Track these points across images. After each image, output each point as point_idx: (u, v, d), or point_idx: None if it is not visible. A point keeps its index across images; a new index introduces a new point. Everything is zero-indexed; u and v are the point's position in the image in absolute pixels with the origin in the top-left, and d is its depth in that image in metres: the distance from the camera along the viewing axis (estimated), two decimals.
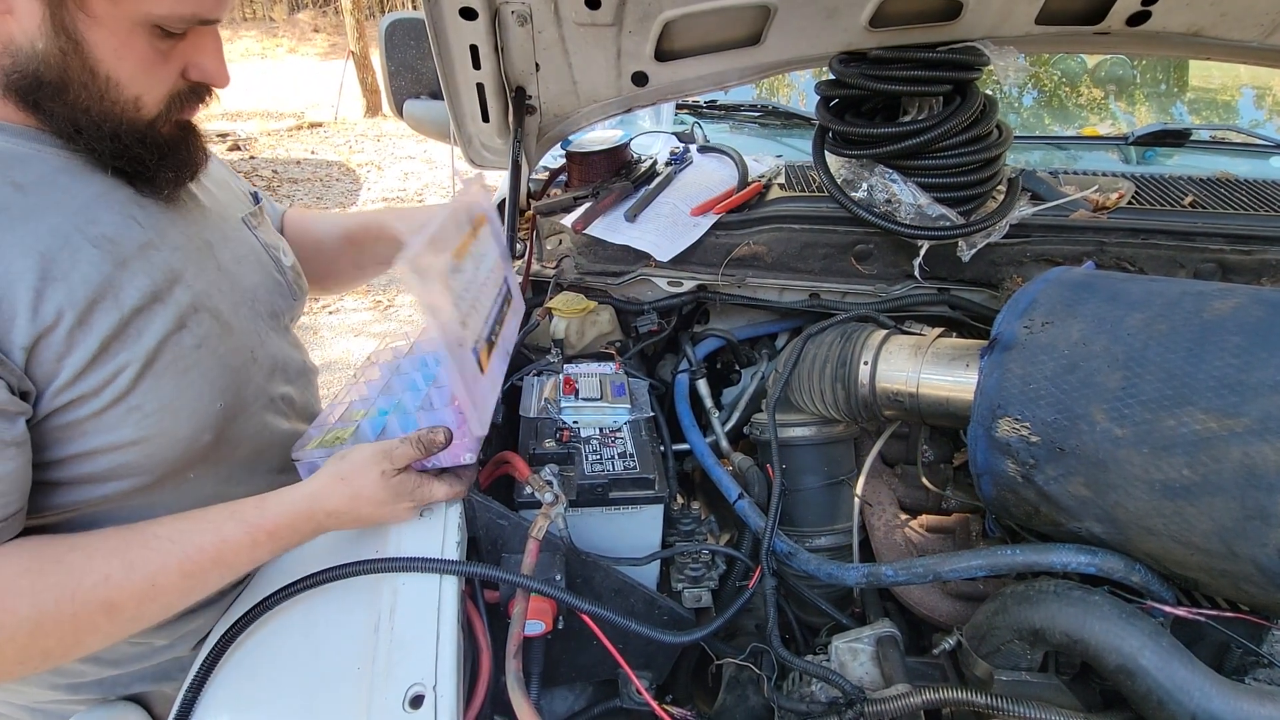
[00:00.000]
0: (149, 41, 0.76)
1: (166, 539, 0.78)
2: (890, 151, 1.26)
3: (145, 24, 0.74)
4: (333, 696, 0.79)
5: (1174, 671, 0.74)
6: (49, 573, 0.72)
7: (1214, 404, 0.75)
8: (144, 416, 0.80)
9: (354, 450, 0.89)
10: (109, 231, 0.79)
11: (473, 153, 1.50)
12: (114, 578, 0.74)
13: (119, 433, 0.79)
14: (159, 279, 0.82)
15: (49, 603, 0.71)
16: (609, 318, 1.45)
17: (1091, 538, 0.87)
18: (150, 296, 0.81)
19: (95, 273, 0.76)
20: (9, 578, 0.70)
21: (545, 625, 0.91)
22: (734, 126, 2.11)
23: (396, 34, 1.62)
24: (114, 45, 0.74)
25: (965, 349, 1.07)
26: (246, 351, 0.95)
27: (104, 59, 0.74)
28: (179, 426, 0.84)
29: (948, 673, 0.97)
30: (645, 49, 1.30)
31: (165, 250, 0.85)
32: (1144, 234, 1.31)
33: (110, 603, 0.74)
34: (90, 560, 0.74)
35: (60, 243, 0.74)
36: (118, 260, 0.79)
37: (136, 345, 0.79)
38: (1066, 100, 2.50)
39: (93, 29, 0.72)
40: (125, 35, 0.74)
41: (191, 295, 0.86)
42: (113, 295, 0.77)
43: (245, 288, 0.98)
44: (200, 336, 0.86)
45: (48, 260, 0.73)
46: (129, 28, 0.74)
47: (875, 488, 1.28)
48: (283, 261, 1.08)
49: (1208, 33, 1.22)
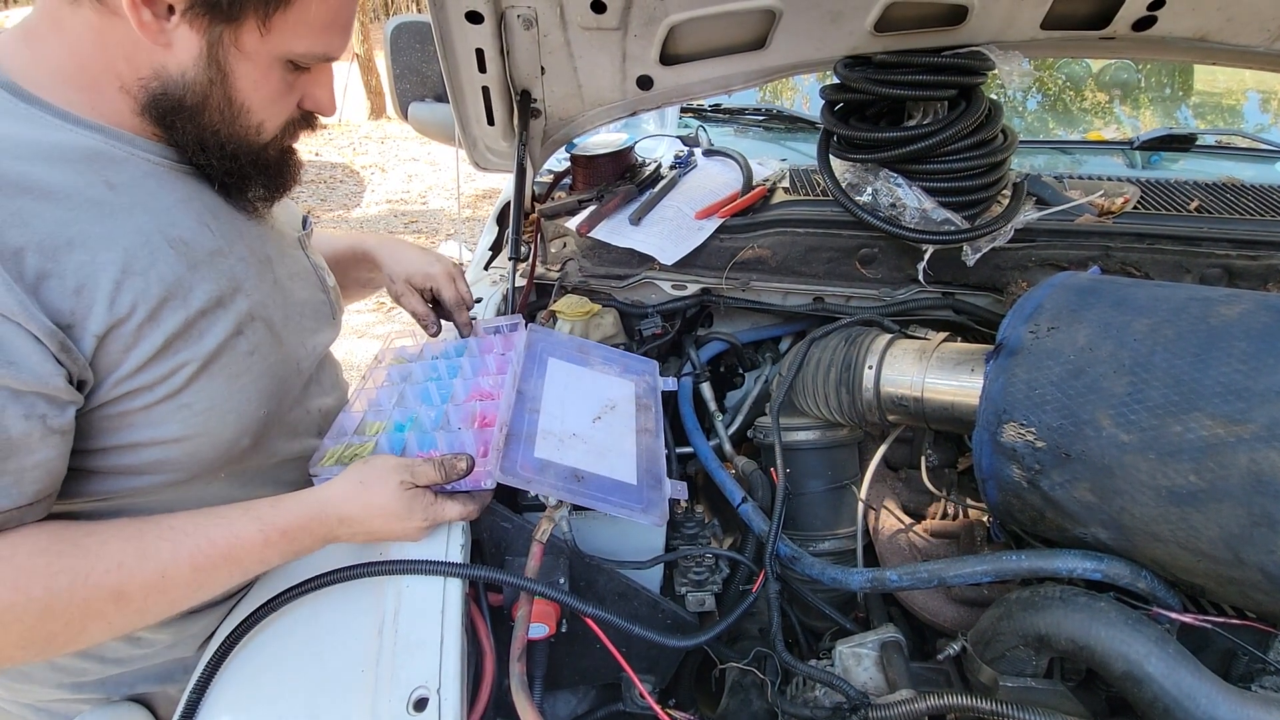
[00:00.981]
0: (282, 75, 0.83)
1: (181, 530, 0.79)
2: (895, 156, 1.26)
3: (283, 59, 0.81)
4: (337, 698, 0.79)
5: (1180, 679, 0.73)
6: (65, 554, 0.73)
7: (1221, 410, 0.74)
8: (192, 415, 0.83)
9: (377, 457, 0.91)
10: (185, 235, 0.83)
11: (477, 155, 1.51)
12: (126, 565, 0.75)
13: (166, 428, 0.81)
14: (224, 285, 0.86)
15: (61, 585, 0.71)
16: (613, 320, 1.45)
17: (1097, 543, 0.86)
18: (215, 301, 0.84)
19: (170, 272, 0.80)
20: (25, 556, 0.71)
21: (549, 628, 0.91)
22: (738, 130, 2.12)
23: (402, 37, 1.63)
24: (255, 77, 0.80)
25: (970, 354, 1.07)
26: (293, 363, 0.98)
27: (243, 89, 0.81)
28: (224, 428, 0.86)
29: (952, 678, 0.97)
30: (650, 53, 1.30)
31: (232, 259, 0.89)
32: (1149, 239, 1.31)
33: (120, 591, 0.74)
34: (105, 545, 0.75)
35: (142, 240, 0.78)
36: (191, 263, 0.83)
37: (198, 346, 0.82)
38: (1071, 104, 2.50)
39: (241, 62, 0.78)
40: (265, 68, 0.80)
41: (250, 304, 0.89)
42: (182, 295, 0.81)
43: (296, 303, 1.01)
44: (254, 344, 0.89)
45: (130, 255, 0.77)
46: (269, 62, 0.80)
47: (879, 492, 1.28)
48: (327, 282, 1.11)
49: (1213, 38, 1.22)
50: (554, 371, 1.17)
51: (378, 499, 0.86)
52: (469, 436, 0.96)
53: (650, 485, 1.03)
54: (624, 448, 1.08)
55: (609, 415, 1.13)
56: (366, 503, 0.86)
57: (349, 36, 0.86)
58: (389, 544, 0.92)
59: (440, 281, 1.20)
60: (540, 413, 1.06)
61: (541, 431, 1.03)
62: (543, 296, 1.50)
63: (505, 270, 1.46)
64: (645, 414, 1.17)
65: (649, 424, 1.15)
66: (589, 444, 1.05)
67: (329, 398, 1.10)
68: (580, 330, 1.42)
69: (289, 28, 0.78)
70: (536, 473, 0.96)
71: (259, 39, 0.77)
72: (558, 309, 1.41)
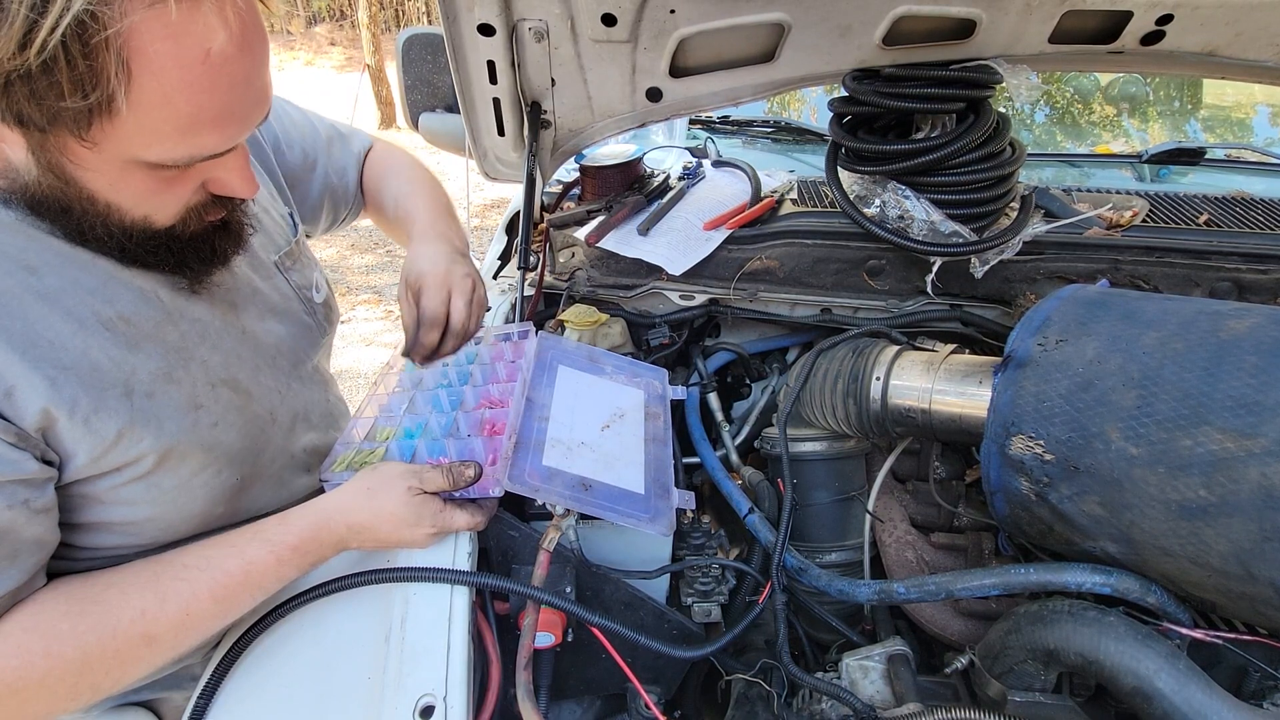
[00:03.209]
0: (148, 173, 0.68)
1: (195, 568, 0.79)
2: (903, 168, 1.26)
3: (137, 162, 0.66)
4: (343, 706, 0.79)
5: (1191, 695, 0.73)
6: (88, 613, 0.74)
7: (1231, 424, 0.74)
8: (161, 494, 0.82)
9: (385, 464, 0.91)
10: (126, 310, 0.77)
11: (488, 166, 1.52)
12: (150, 611, 0.76)
13: (136, 509, 0.81)
14: (172, 358, 0.81)
15: (92, 643, 0.73)
16: (620, 330, 1.46)
17: (1106, 557, 0.86)
18: (163, 376, 0.79)
19: (107, 359, 0.75)
20: (50, 623, 0.72)
21: (555, 637, 0.91)
22: (746, 141, 2.13)
23: (414, 49, 1.64)
24: (107, 181, 0.68)
25: (978, 366, 1.07)
26: (266, 415, 0.94)
27: (99, 189, 0.69)
28: (193, 503, 0.85)
29: (960, 692, 0.96)
30: (660, 65, 1.31)
31: (184, 324, 0.83)
32: (1159, 252, 1.31)
33: (149, 635, 0.76)
34: (125, 596, 0.76)
35: (74, 328, 0.73)
36: (131, 342, 0.77)
37: (157, 432, 0.78)
38: (1080, 117, 2.50)
39: (79, 169, 0.66)
40: (117, 172, 0.67)
41: (207, 371, 0.85)
42: (123, 383, 0.76)
43: (267, 346, 0.97)
44: (218, 414, 0.85)
45: (59, 350, 0.71)
46: (119, 166, 0.66)
47: (886, 504, 1.28)
48: (314, 300, 1.07)
49: (1222, 52, 1.22)
50: (564, 379, 1.17)
51: (386, 505, 0.86)
52: (478, 444, 0.96)
53: (658, 495, 1.03)
54: (632, 457, 1.08)
55: (618, 424, 1.13)
56: (375, 509, 0.86)
57: (241, 127, 0.69)
58: (396, 551, 0.92)
59: (427, 285, 0.99)
60: (549, 420, 1.06)
61: (550, 439, 1.03)
62: (551, 306, 1.50)
63: (514, 279, 1.46)
64: (654, 423, 1.17)
65: (658, 433, 1.15)
66: (597, 452, 1.05)
67: (315, 432, 1.05)
68: (588, 340, 1.42)
69: (124, 137, 0.62)
70: (544, 481, 0.96)
71: (89, 150, 0.63)
72: (566, 318, 1.42)
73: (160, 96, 0.61)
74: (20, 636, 0.71)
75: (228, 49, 0.62)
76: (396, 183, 1.24)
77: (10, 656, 0.70)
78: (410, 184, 1.22)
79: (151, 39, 0.58)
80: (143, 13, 0.57)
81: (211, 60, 0.61)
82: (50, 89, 0.57)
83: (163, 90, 0.60)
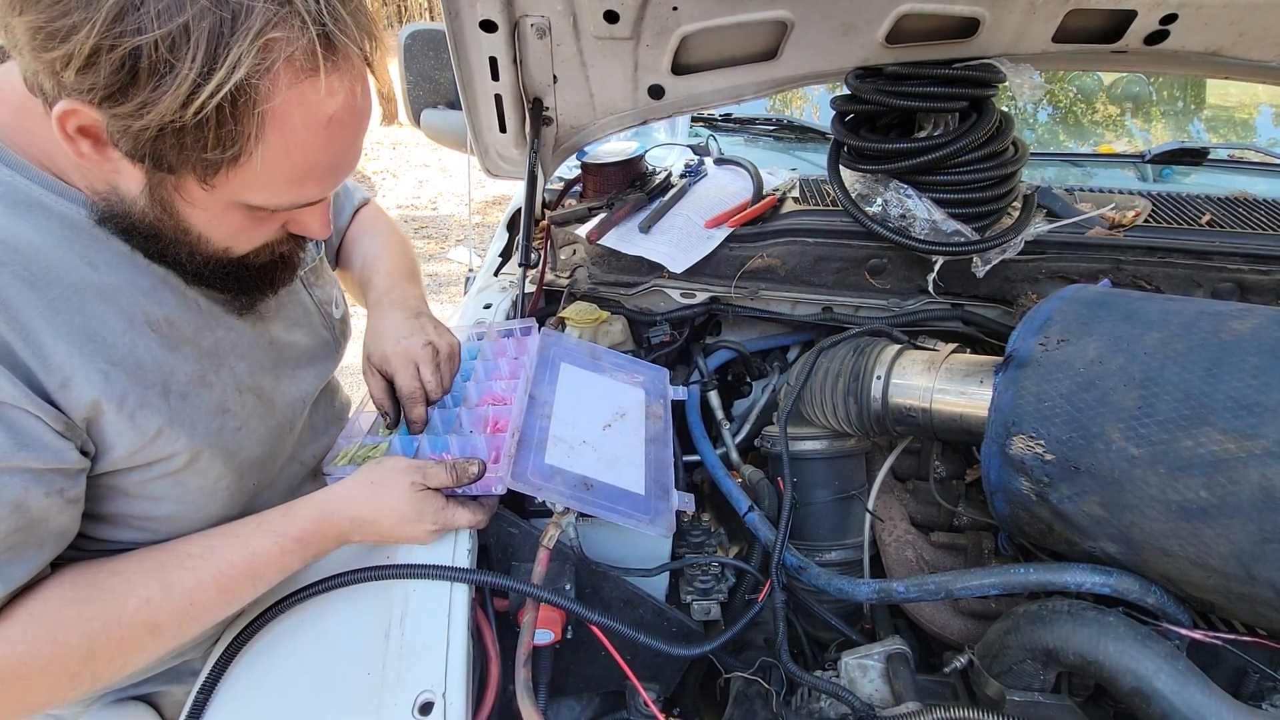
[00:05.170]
0: (246, 214, 0.75)
1: (199, 557, 0.80)
2: (905, 167, 1.26)
3: (242, 205, 0.73)
4: (342, 701, 0.80)
5: (1190, 696, 0.73)
6: (93, 601, 0.74)
7: (1232, 425, 0.74)
8: (186, 492, 0.83)
9: (388, 459, 0.91)
10: (172, 313, 0.81)
11: (489, 162, 1.52)
12: (154, 600, 0.77)
13: (160, 505, 0.82)
14: (206, 363, 0.84)
15: (97, 630, 0.73)
16: (621, 328, 1.46)
17: (1106, 558, 0.86)
18: (197, 380, 0.82)
19: (150, 360, 0.77)
20: (55, 609, 0.73)
21: (554, 635, 0.91)
22: (748, 139, 2.12)
23: (415, 45, 1.64)
24: (208, 217, 0.74)
25: (979, 365, 1.07)
26: (286, 424, 0.97)
27: (198, 224, 0.74)
28: (212, 505, 0.87)
29: (959, 692, 0.97)
30: (662, 62, 1.31)
31: (219, 330, 0.87)
32: (1161, 252, 1.31)
33: (153, 624, 0.76)
34: (130, 584, 0.77)
35: (124, 326, 0.76)
36: (173, 344, 0.80)
37: (190, 434, 0.80)
38: (1082, 117, 2.49)
39: (188, 206, 0.72)
40: (221, 211, 0.73)
41: (236, 377, 0.88)
42: (163, 382, 0.78)
43: (291, 357, 0.99)
44: (242, 419, 0.88)
45: (111, 347, 0.74)
46: (224, 206, 0.73)
47: (886, 503, 1.28)
48: (333, 316, 1.09)
49: (1226, 53, 1.21)
50: (566, 376, 1.17)
51: (389, 500, 0.87)
52: (481, 441, 0.96)
53: (658, 495, 1.03)
54: (633, 456, 1.08)
55: (619, 423, 1.13)
56: (378, 504, 0.87)
57: (337, 178, 0.75)
58: (396, 547, 0.92)
59: (395, 367, 1.01)
60: (552, 418, 1.06)
61: (553, 438, 1.03)
62: (552, 303, 1.50)
63: (515, 276, 1.46)
64: (655, 422, 1.17)
65: (658, 433, 1.15)
66: (599, 451, 1.05)
67: (324, 439, 1.08)
68: (589, 337, 1.42)
69: (240, 183, 0.68)
70: (546, 479, 0.96)
71: (205, 192, 0.69)
72: (567, 315, 1.42)
73: (283, 151, 0.67)
74: (27, 622, 0.71)
75: (344, 113, 0.68)
76: (370, 243, 1.26)
77: (17, 643, 0.70)
78: (383, 248, 1.25)
79: (290, 104, 0.64)
80: (295, 86, 0.63)
81: (332, 123, 0.68)
82: (196, 142, 0.63)
83: (286, 146, 0.66)
